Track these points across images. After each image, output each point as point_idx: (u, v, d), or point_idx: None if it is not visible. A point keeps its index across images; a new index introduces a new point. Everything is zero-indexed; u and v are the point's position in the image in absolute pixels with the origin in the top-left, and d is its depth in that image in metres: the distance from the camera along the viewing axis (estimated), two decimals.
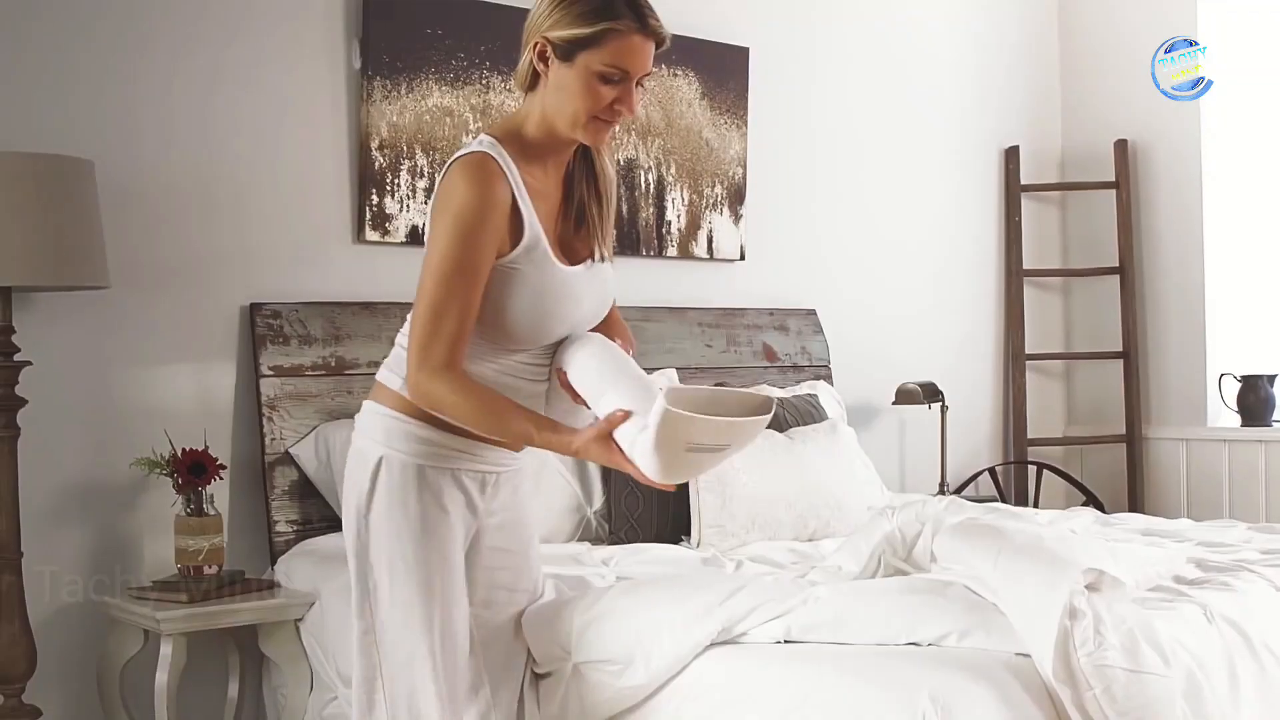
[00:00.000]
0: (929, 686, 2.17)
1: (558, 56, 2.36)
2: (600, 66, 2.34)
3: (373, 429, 2.50)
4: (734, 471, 3.79)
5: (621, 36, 2.34)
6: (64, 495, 3.63)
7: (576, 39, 2.33)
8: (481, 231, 2.31)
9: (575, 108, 2.37)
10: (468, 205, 2.30)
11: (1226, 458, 5.49)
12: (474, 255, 2.31)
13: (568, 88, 2.36)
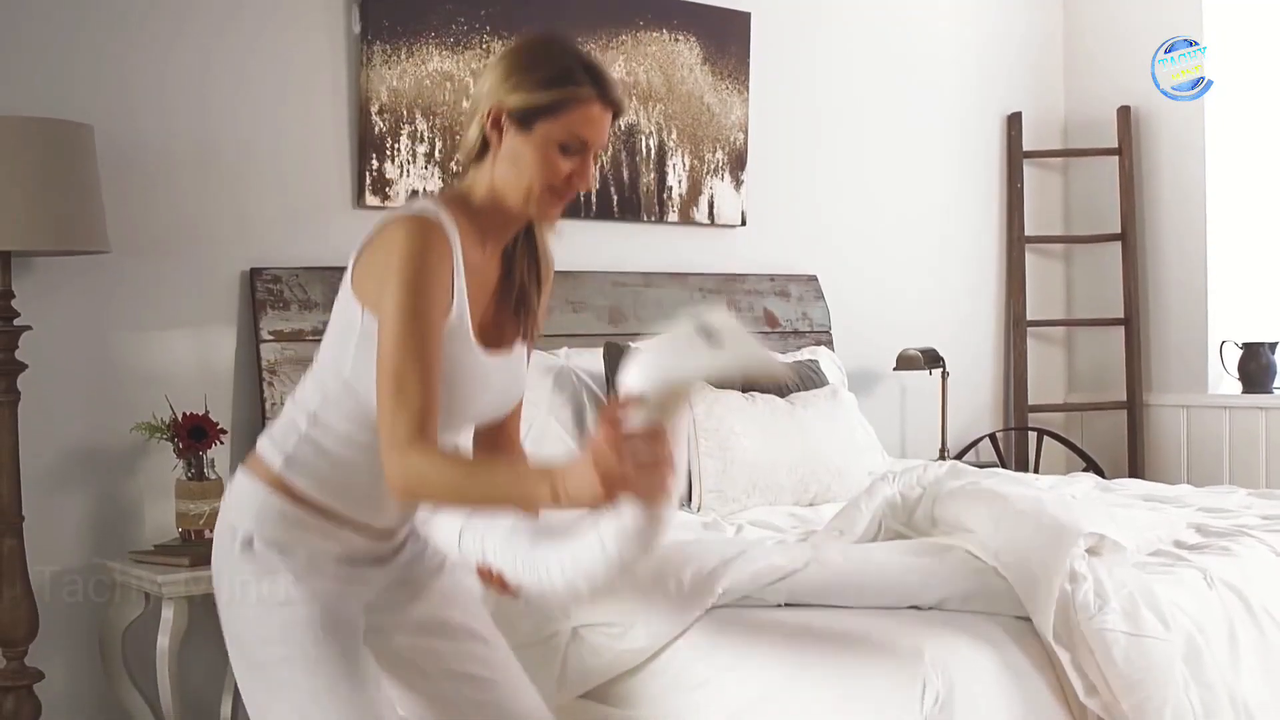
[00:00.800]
0: (930, 650, 2.17)
1: (515, 125, 2.21)
2: (560, 136, 2.21)
3: (242, 504, 2.29)
4: (735, 436, 3.79)
5: (583, 105, 2.21)
6: (65, 460, 3.63)
7: (537, 106, 2.19)
8: (433, 289, 2.12)
9: (530, 178, 2.21)
10: (416, 265, 2.10)
11: (1227, 424, 5.49)
12: (428, 315, 2.11)
13: (523, 158, 2.20)
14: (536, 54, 2.24)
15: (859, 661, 2.21)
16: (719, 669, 2.42)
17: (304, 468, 2.24)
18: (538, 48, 2.26)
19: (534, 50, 2.25)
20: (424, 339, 2.08)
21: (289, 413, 2.31)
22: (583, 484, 1.92)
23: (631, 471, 1.88)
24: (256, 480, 2.26)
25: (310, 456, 2.24)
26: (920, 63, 5.56)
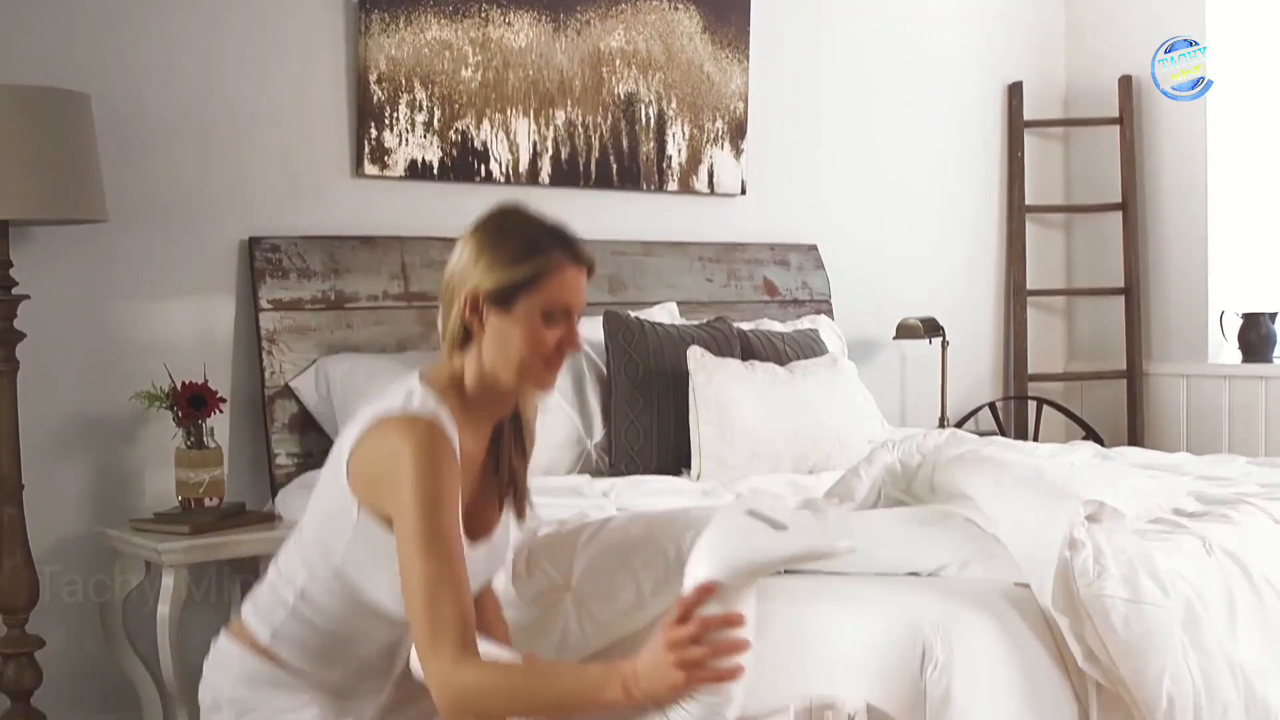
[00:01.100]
0: (929, 616, 2.17)
1: (494, 306, 2.18)
2: (542, 307, 2.19)
3: (225, 668, 2.32)
4: (734, 404, 3.78)
5: (558, 272, 2.19)
6: (64, 428, 3.63)
7: (512, 283, 2.17)
8: (448, 501, 2.10)
9: (522, 355, 2.19)
10: (431, 481, 2.08)
11: (1227, 394, 5.49)
12: (448, 529, 2.09)
13: (510, 336, 2.18)
14: (501, 231, 2.22)
15: (858, 627, 2.21)
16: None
17: (291, 641, 2.27)
18: (500, 224, 2.24)
19: (497, 227, 2.23)
20: (449, 553, 2.08)
21: (274, 584, 2.31)
22: (660, 676, 1.97)
23: (710, 657, 1.95)
24: (243, 648, 2.29)
25: (298, 631, 2.26)
26: (921, 32, 5.54)
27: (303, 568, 2.25)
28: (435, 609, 2.04)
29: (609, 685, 2.01)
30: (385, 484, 2.11)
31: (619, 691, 2.00)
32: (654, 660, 1.98)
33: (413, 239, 4.15)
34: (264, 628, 2.27)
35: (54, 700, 3.49)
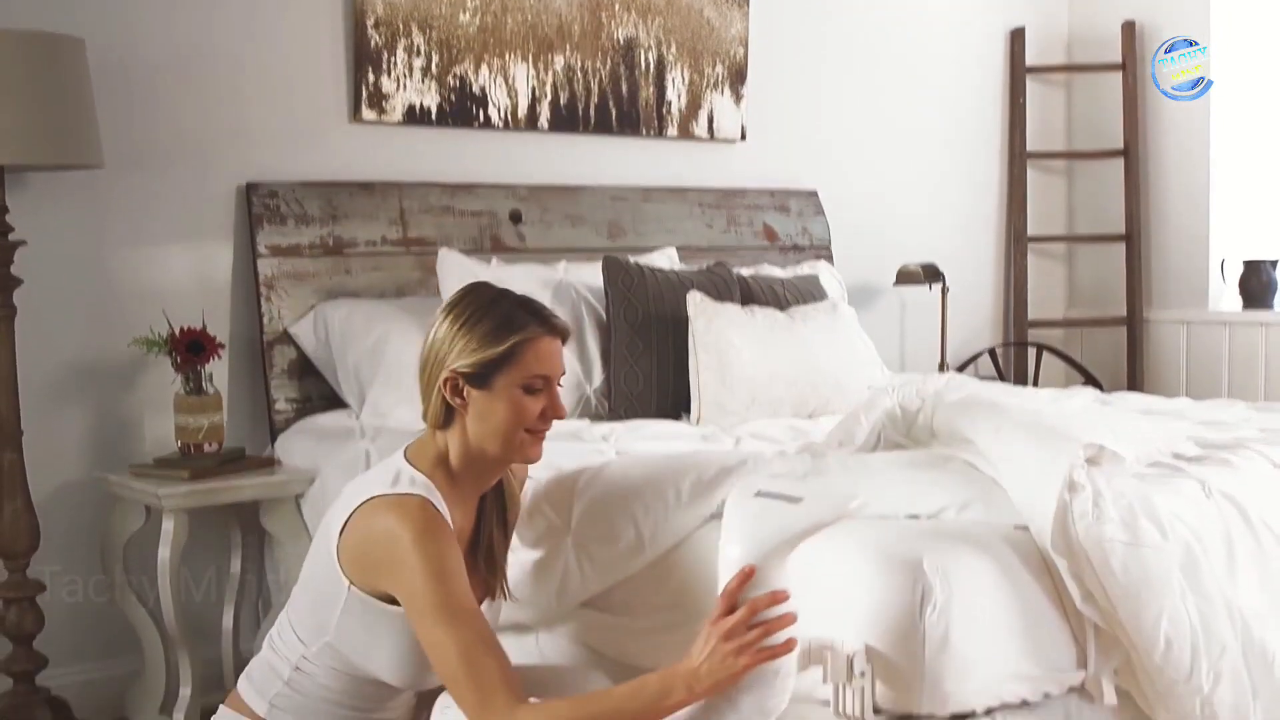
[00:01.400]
0: (928, 559, 2.17)
1: (473, 385, 2.22)
2: (521, 381, 2.23)
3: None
4: (733, 350, 3.78)
5: (533, 344, 2.23)
6: (63, 374, 3.63)
7: (489, 361, 2.20)
8: (454, 568, 2.13)
9: (506, 430, 2.23)
10: (434, 557, 2.11)
11: (1227, 340, 5.48)
12: (461, 595, 2.12)
13: (493, 412, 2.22)
14: (473, 311, 2.24)
15: (858, 570, 2.21)
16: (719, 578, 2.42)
17: (288, 710, 2.30)
18: (472, 304, 2.25)
19: (469, 307, 2.25)
20: (471, 616, 2.12)
21: (269, 659, 2.34)
22: (721, 667, 2.04)
23: (763, 637, 2.04)
24: (241, 718, 2.32)
25: (294, 700, 2.30)
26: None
27: (297, 642, 2.29)
28: (476, 672, 2.07)
29: (672, 690, 2.07)
30: (384, 567, 2.14)
31: (683, 694, 2.06)
32: (711, 654, 2.05)
33: (411, 184, 4.13)
34: (260, 701, 2.32)
35: (55, 644, 3.50)
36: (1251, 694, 2.43)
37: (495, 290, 2.29)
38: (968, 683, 2.17)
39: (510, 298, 2.28)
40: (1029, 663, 2.24)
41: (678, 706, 2.08)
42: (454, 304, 2.28)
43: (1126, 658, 2.33)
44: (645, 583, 2.54)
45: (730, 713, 2.08)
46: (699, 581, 2.45)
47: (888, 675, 2.17)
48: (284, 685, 2.30)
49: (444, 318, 2.26)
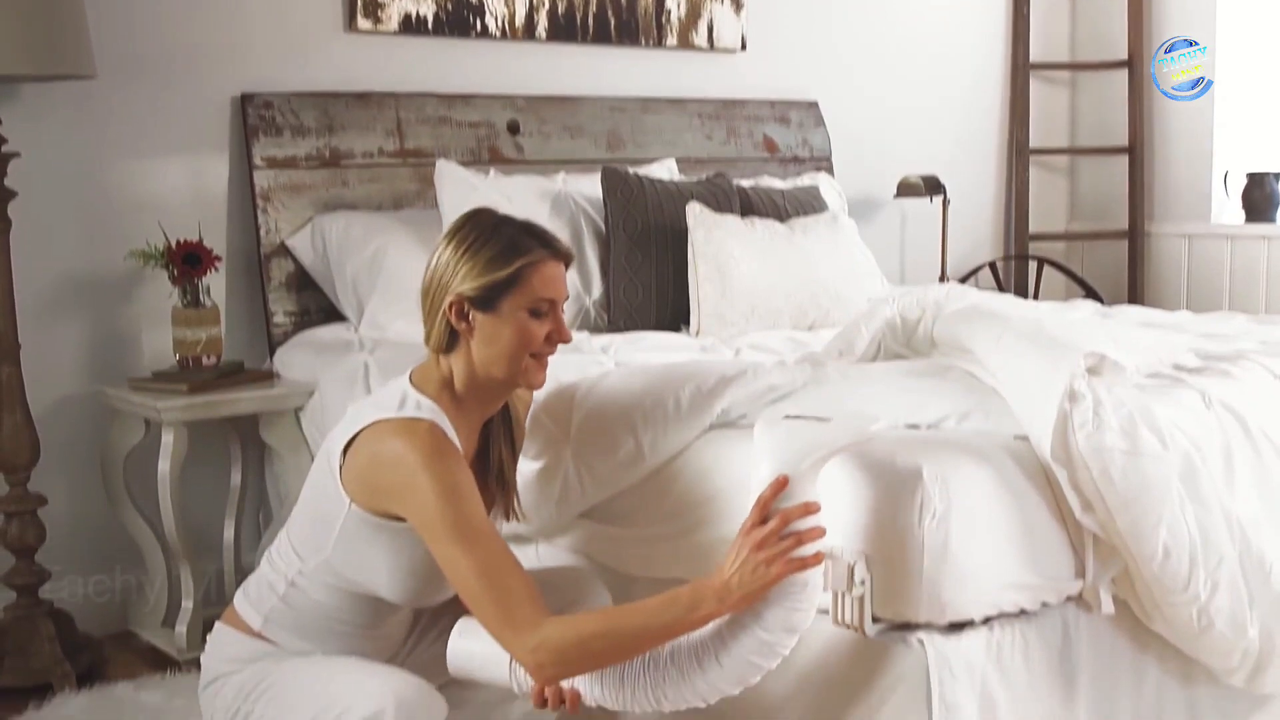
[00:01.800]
0: (927, 468, 2.17)
1: (479, 309, 2.22)
2: (527, 304, 2.23)
3: (222, 651, 2.36)
4: (733, 261, 3.76)
5: (538, 268, 2.23)
6: (60, 288, 3.61)
7: (494, 284, 2.20)
8: (465, 487, 2.13)
9: (513, 352, 2.24)
10: (439, 468, 2.12)
11: (1229, 254, 5.46)
12: (474, 513, 2.12)
13: (499, 336, 2.23)
14: (476, 235, 2.23)
15: (858, 479, 2.21)
16: (719, 489, 2.43)
17: (283, 625, 2.31)
18: (475, 228, 2.25)
19: (472, 232, 2.25)
20: (488, 535, 2.11)
21: (266, 575, 2.35)
22: (753, 577, 2.04)
23: (794, 547, 2.03)
24: (238, 632, 2.34)
25: (289, 616, 2.31)
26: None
27: (295, 558, 2.30)
28: (498, 589, 2.07)
29: (702, 602, 2.07)
30: (394, 492, 2.15)
31: (713, 605, 2.06)
32: (742, 564, 2.05)
33: (407, 95, 4.09)
34: (255, 615, 2.33)
35: (57, 557, 3.51)
36: (1248, 603, 2.44)
37: (498, 215, 2.29)
38: (966, 592, 2.18)
39: (514, 223, 2.28)
40: (1027, 572, 2.25)
41: (707, 619, 2.09)
42: (457, 229, 2.27)
43: (1124, 567, 2.33)
44: (644, 493, 2.54)
45: (757, 627, 2.08)
46: (698, 492, 2.45)
47: (886, 584, 2.18)
48: (279, 600, 2.31)
49: (447, 243, 2.26)
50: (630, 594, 2.55)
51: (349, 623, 2.31)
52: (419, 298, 2.30)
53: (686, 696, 2.13)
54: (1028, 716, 2.27)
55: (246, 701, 2.26)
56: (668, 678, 2.12)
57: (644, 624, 2.08)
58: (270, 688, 2.25)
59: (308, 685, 2.22)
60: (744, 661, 2.09)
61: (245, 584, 2.41)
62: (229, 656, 2.34)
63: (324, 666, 2.26)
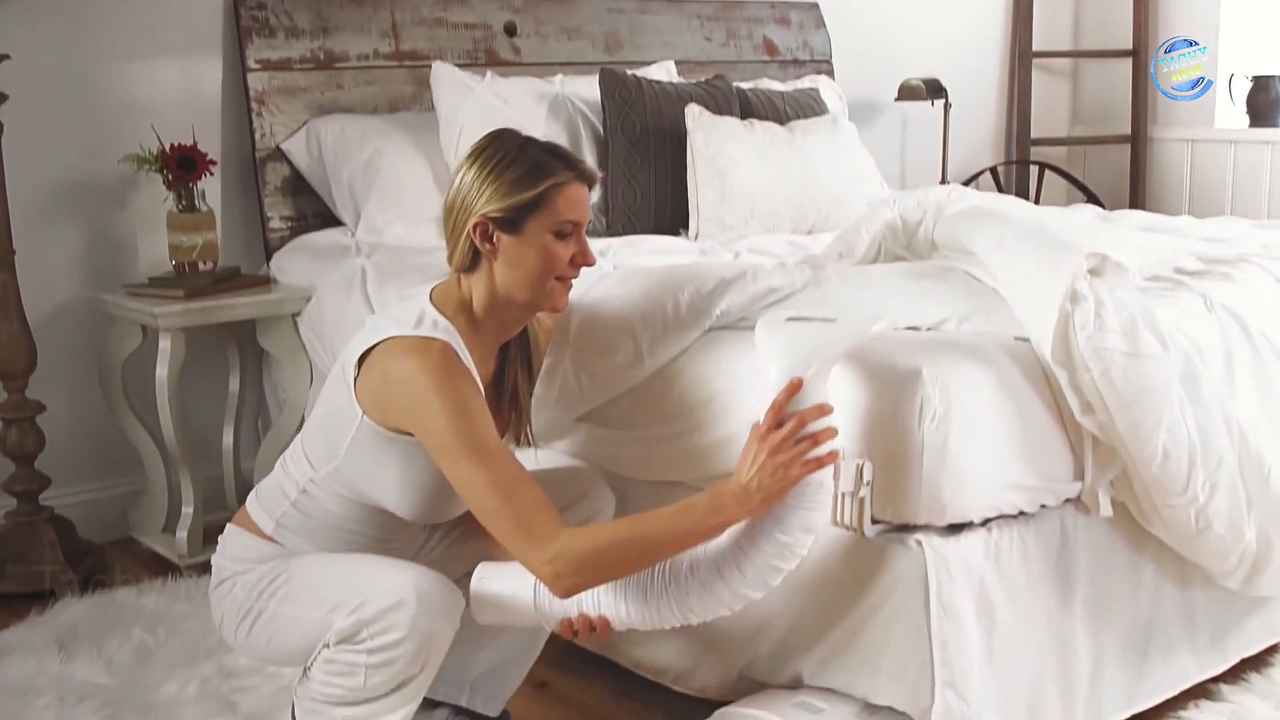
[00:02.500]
0: (928, 370, 2.16)
1: (504, 230, 2.19)
2: (551, 226, 2.20)
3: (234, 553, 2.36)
4: (733, 164, 3.73)
5: (563, 190, 2.20)
6: (53, 193, 3.58)
7: (520, 205, 2.17)
8: (475, 409, 2.11)
9: (537, 275, 2.22)
10: (449, 387, 2.10)
11: (1231, 158, 5.42)
12: (485, 424, 2.11)
13: (524, 258, 2.20)
14: (501, 155, 2.21)
15: (857, 380, 2.20)
16: (718, 392, 2.42)
17: (295, 530, 2.31)
18: (499, 149, 2.22)
19: (497, 152, 2.22)
20: (499, 452, 2.10)
21: (278, 480, 2.35)
22: (772, 480, 2.05)
23: (811, 448, 2.04)
24: (250, 534, 2.33)
25: (301, 521, 2.30)
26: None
27: (307, 465, 2.30)
28: (512, 504, 2.07)
29: (723, 507, 2.08)
30: (405, 411, 2.14)
31: (733, 510, 2.08)
32: (760, 468, 2.06)
33: None
34: (268, 519, 2.33)
35: (57, 464, 3.51)
36: (1246, 505, 2.45)
37: (522, 136, 2.26)
38: (965, 493, 2.18)
39: (538, 144, 2.26)
40: (1026, 474, 2.25)
41: (727, 524, 2.10)
42: (480, 150, 2.25)
43: (1123, 469, 2.34)
44: (643, 396, 2.53)
45: (776, 531, 2.09)
46: (697, 395, 2.45)
47: (885, 486, 2.18)
48: (290, 506, 2.31)
49: (471, 163, 2.24)
50: (629, 497, 2.56)
51: (360, 533, 2.32)
52: (441, 216, 2.29)
53: (712, 607, 2.14)
54: (1025, 618, 2.28)
55: (260, 599, 2.27)
56: (691, 591, 2.13)
57: (663, 531, 2.09)
58: (284, 584, 2.26)
59: (324, 580, 2.24)
60: (765, 566, 2.10)
61: (258, 487, 2.41)
62: (239, 557, 2.34)
63: (339, 562, 2.28)
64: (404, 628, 2.11)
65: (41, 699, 2.68)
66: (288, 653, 2.30)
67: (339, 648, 2.17)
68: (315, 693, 2.26)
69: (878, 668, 2.27)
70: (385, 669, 2.15)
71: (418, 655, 2.14)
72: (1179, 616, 2.58)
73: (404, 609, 2.11)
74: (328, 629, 2.17)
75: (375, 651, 2.14)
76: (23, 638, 3.01)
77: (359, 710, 2.22)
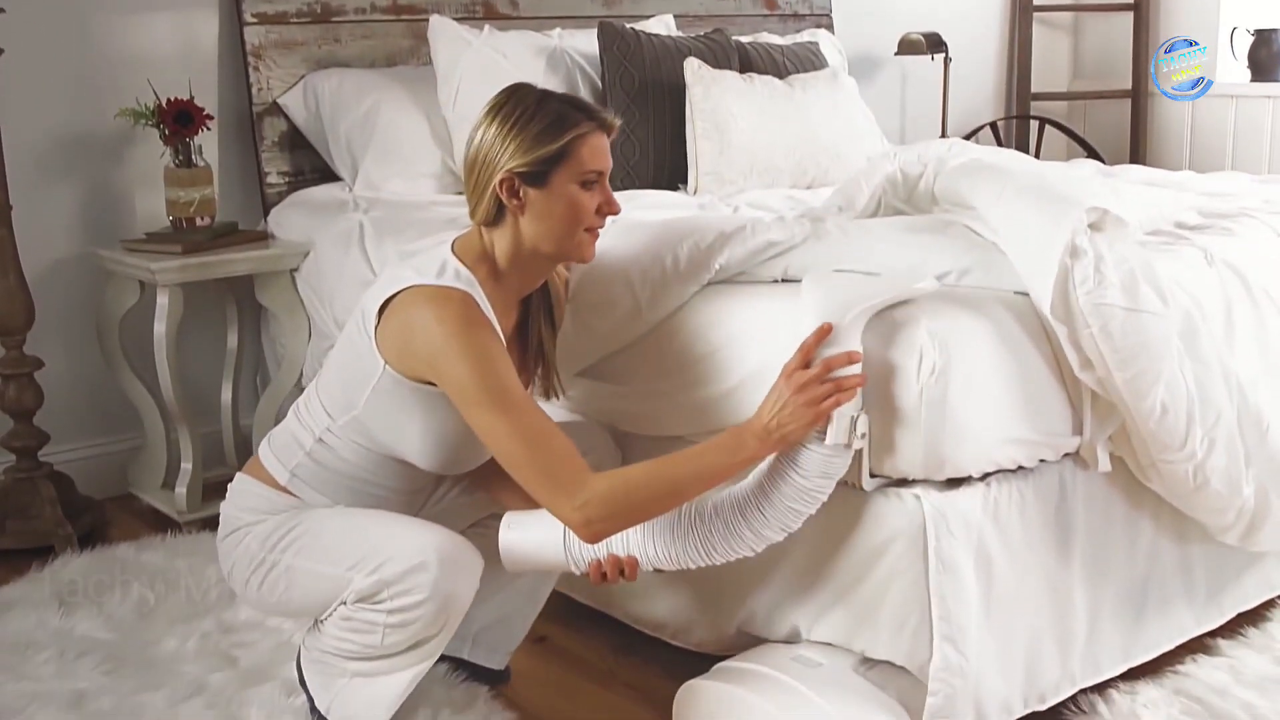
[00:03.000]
0: (927, 323, 2.16)
1: (530, 184, 2.19)
2: (577, 177, 2.20)
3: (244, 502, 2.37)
4: (732, 118, 3.71)
5: (586, 140, 2.20)
6: (50, 148, 3.57)
7: (546, 158, 2.17)
8: (497, 358, 2.12)
9: (566, 226, 2.22)
10: (471, 338, 2.11)
11: (1233, 114, 5.40)
12: (508, 374, 2.12)
13: (552, 210, 2.20)
14: (521, 110, 2.20)
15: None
16: (716, 345, 2.42)
17: (309, 480, 2.31)
18: (519, 103, 2.21)
19: (517, 107, 2.21)
20: (523, 401, 2.11)
21: (292, 428, 2.35)
22: (794, 418, 2.08)
23: (835, 392, 2.07)
24: (262, 484, 2.33)
25: (316, 472, 2.31)
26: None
27: (324, 414, 2.30)
28: (540, 451, 2.09)
29: (744, 444, 2.10)
30: (426, 360, 2.14)
31: (755, 446, 2.10)
32: (783, 406, 2.08)
33: None
34: (281, 469, 2.33)
35: (56, 420, 3.51)
36: (1244, 461, 2.45)
37: (539, 90, 2.25)
38: (963, 448, 2.18)
39: (556, 96, 2.25)
40: (1025, 428, 2.24)
41: (749, 461, 2.13)
42: (499, 105, 2.23)
43: (1122, 425, 2.33)
44: (642, 351, 2.53)
45: (795, 475, 2.12)
46: (696, 349, 2.44)
47: (884, 440, 2.18)
48: (305, 455, 2.31)
49: (490, 119, 2.22)
50: (629, 452, 2.57)
51: (376, 484, 2.32)
52: (463, 173, 2.28)
53: (735, 548, 2.18)
54: (1023, 572, 2.29)
55: (273, 552, 2.28)
56: (714, 531, 2.17)
57: (688, 471, 2.11)
58: (300, 538, 2.27)
59: (342, 536, 2.25)
60: (786, 509, 2.14)
61: (270, 434, 2.41)
62: (250, 507, 2.34)
63: (357, 518, 2.28)
64: (426, 589, 2.13)
65: (42, 654, 2.69)
66: (300, 607, 2.31)
67: (357, 606, 2.19)
68: (328, 645, 2.27)
69: (876, 622, 2.28)
70: (404, 629, 2.17)
71: (438, 617, 2.16)
72: (1176, 571, 2.58)
73: (426, 571, 2.13)
74: (346, 586, 2.19)
75: (395, 612, 2.16)
76: (22, 593, 3.02)
77: (372, 665, 2.24)
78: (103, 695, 2.53)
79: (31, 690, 2.55)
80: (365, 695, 2.28)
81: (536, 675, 2.66)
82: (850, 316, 2.12)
